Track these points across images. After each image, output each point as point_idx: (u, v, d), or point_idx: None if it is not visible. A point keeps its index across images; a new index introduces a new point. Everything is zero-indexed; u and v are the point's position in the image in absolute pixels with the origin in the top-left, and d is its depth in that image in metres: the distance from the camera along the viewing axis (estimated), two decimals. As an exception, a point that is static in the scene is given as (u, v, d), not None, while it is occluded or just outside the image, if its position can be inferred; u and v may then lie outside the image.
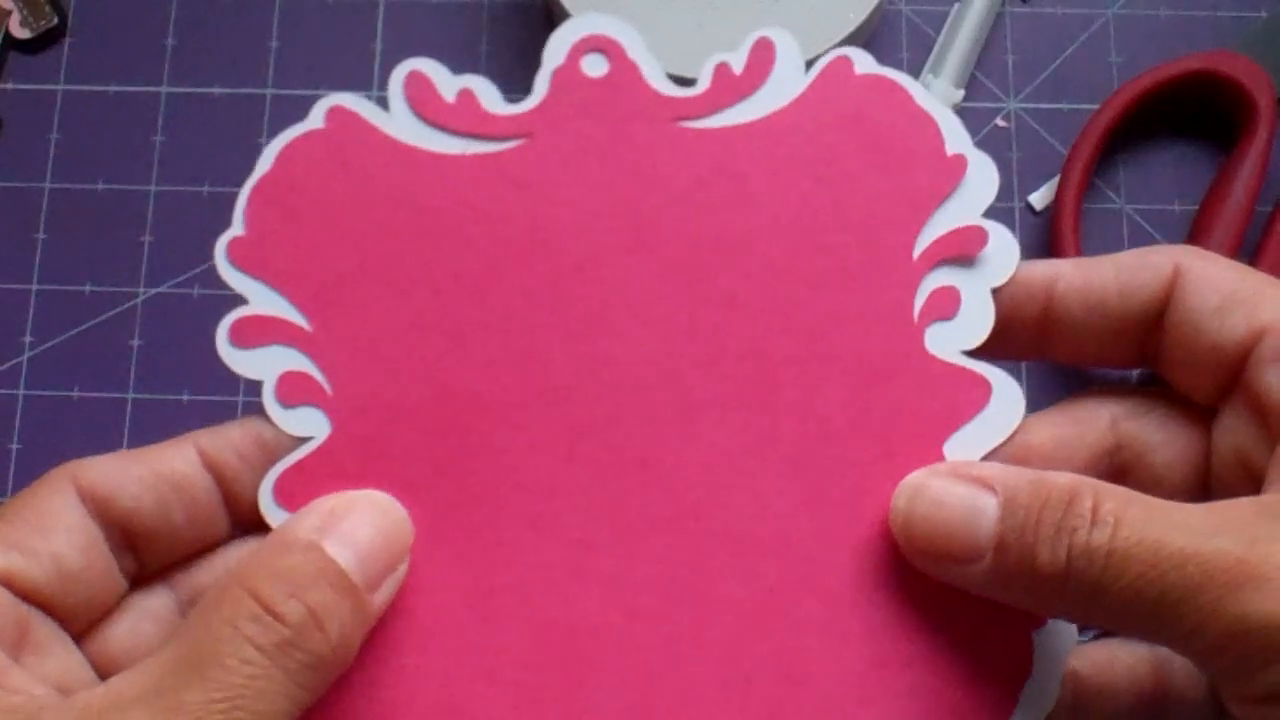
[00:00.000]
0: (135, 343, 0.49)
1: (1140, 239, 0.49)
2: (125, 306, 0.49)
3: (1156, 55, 0.49)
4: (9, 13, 0.51)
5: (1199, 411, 0.27)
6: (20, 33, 0.51)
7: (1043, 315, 0.27)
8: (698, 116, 0.27)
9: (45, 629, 0.25)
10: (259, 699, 0.21)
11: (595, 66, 0.27)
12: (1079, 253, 0.47)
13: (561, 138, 0.27)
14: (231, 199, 0.28)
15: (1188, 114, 0.50)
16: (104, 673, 0.25)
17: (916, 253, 0.27)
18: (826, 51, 0.28)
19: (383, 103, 0.27)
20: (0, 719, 0.21)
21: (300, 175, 0.27)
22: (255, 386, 0.26)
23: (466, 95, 0.27)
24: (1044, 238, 0.49)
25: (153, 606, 0.26)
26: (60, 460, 0.26)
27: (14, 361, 0.49)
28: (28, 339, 0.49)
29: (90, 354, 0.49)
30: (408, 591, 0.25)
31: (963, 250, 0.27)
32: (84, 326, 0.49)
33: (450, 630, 0.25)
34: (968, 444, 0.26)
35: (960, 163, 0.27)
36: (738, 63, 0.27)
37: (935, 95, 0.49)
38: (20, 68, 0.51)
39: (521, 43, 0.51)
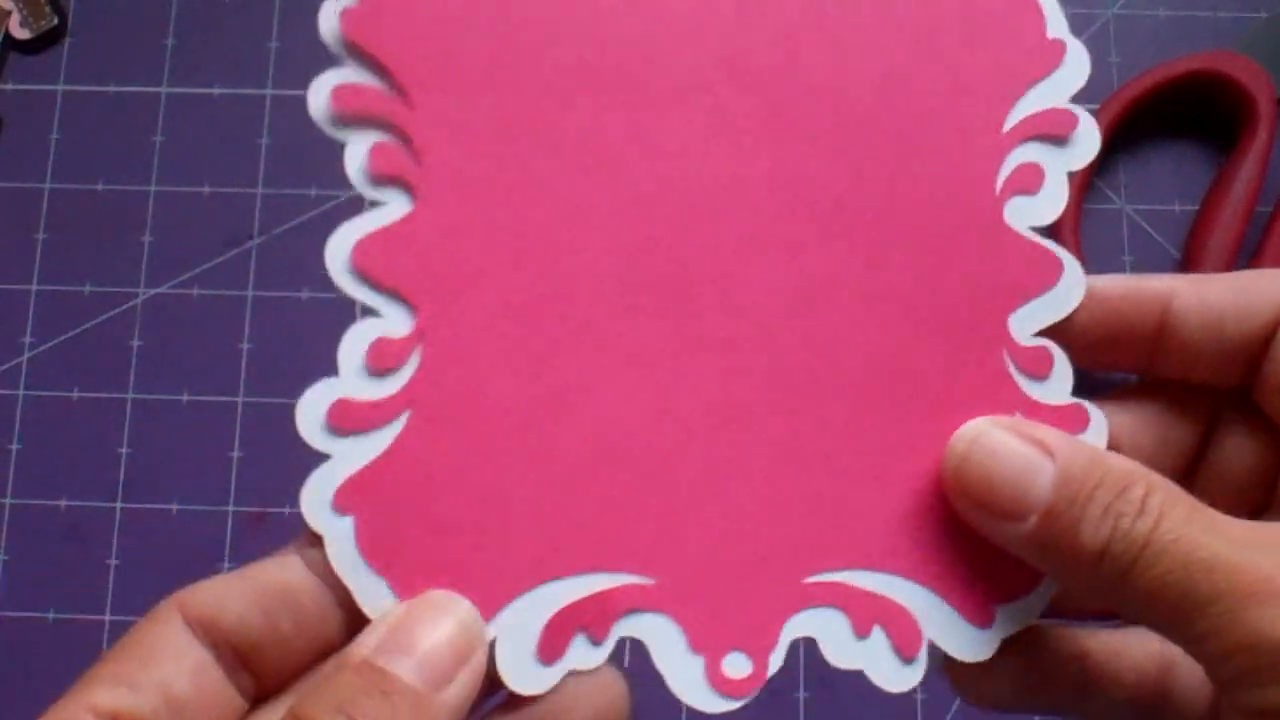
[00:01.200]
0: (135, 343, 0.49)
1: (1140, 239, 0.49)
2: (125, 306, 0.49)
3: (1156, 55, 0.49)
4: (9, 13, 0.51)
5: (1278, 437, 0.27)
6: (20, 33, 0.51)
7: (1156, 332, 0.27)
8: None
9: None
10: None
11: None
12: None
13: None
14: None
15: (1188, 114, 0.50)
16: None
17: (1007, 126, 0.27)
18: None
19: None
20: None
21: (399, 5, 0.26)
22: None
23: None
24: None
25: None
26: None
27: (14, 361, 0.49)
28: (28, 339, 0.49)
29: (90, 354, 0.49)
30: (470, 377, 0.26)
31: (1053, 130, 0.27)
32: (84, 326, 0.49)
33: (506, 422, 0.26)
34: (1033, 317, 0.27)
35: (1059, 47, 0.27)
36: None
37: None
38: (20, 68, 0.51)
39: (521, 43, 0.51)
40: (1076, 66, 0.27)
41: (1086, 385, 0.27)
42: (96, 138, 0.51)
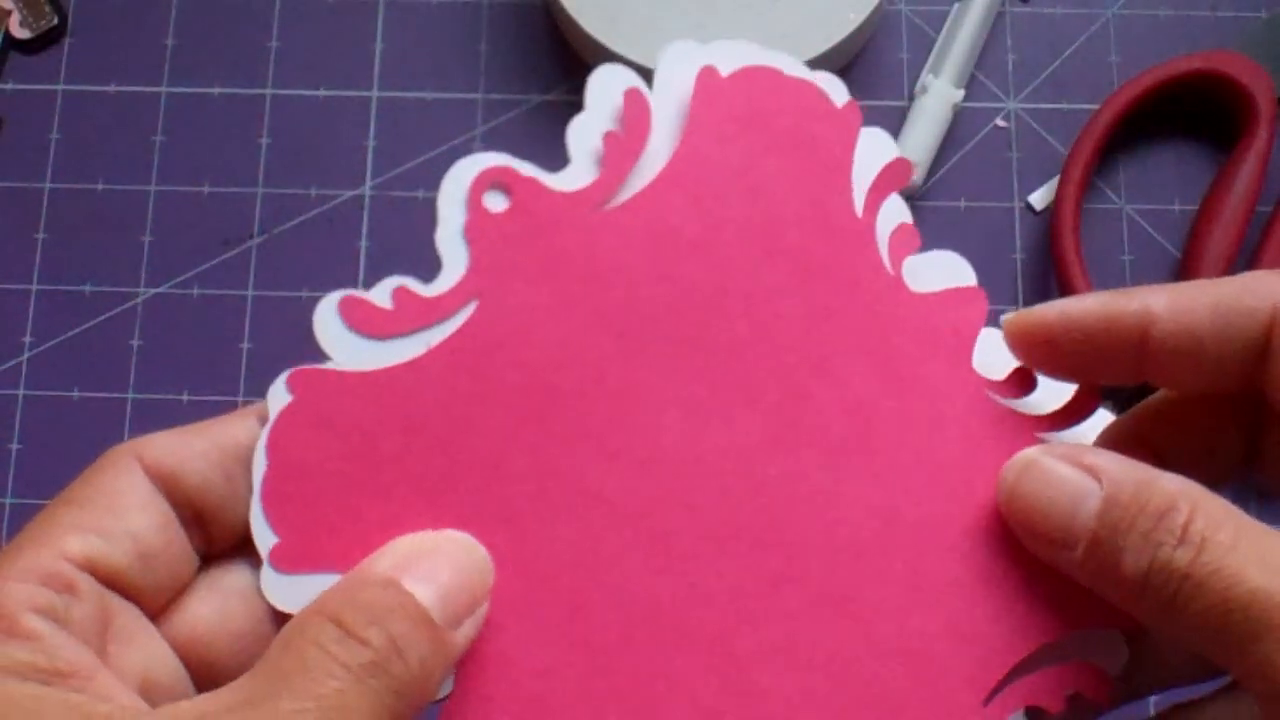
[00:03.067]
0: (135, 343, 0.49)
1: (1140, 239, 0.49)
2: (125, 306, 0.49)
3: (1156, 55, 0.49)
4: (9, 13, 0.51)
5: None
6: (20, 33, 0.51)
7: (1137, 352, 0.26)
8: (610, 196, 0.27)
9: (127, 615, 0.24)
10: (348, 713, 0.22)
11: (497, 202, 0.27)
12: (1079, 253, 0.47)
13: (506, 284, 0.26)
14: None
15: (1188, 114, 0.50)
16: (186, 656, 0.25)
17: (859, 208, 0.27)
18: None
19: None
20: None
21: (295, 459, 0.26)
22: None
23: (401, 293, 0.26)
24: (1044, 238, 0.49)
25: (229, 583, 0.26)
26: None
27: (14, 361, 0.49)
28: (28, 339, 0.49)
29: (90, 354, 0.49)
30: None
31: (896, 184, 0.28)
32: (84, 326, 0.49)
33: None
34: (990, 350, 0.27)
35: (853, 109, 0.28)
36: (616, 123, 0.27)
37: (935, 95, 0.49)
38: (20, 68, 0.51)
39: (521, 43, 0.51)
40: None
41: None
42: (96, 138, 0.51)
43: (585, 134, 0.27)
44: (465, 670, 0.25)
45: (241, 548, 0.26)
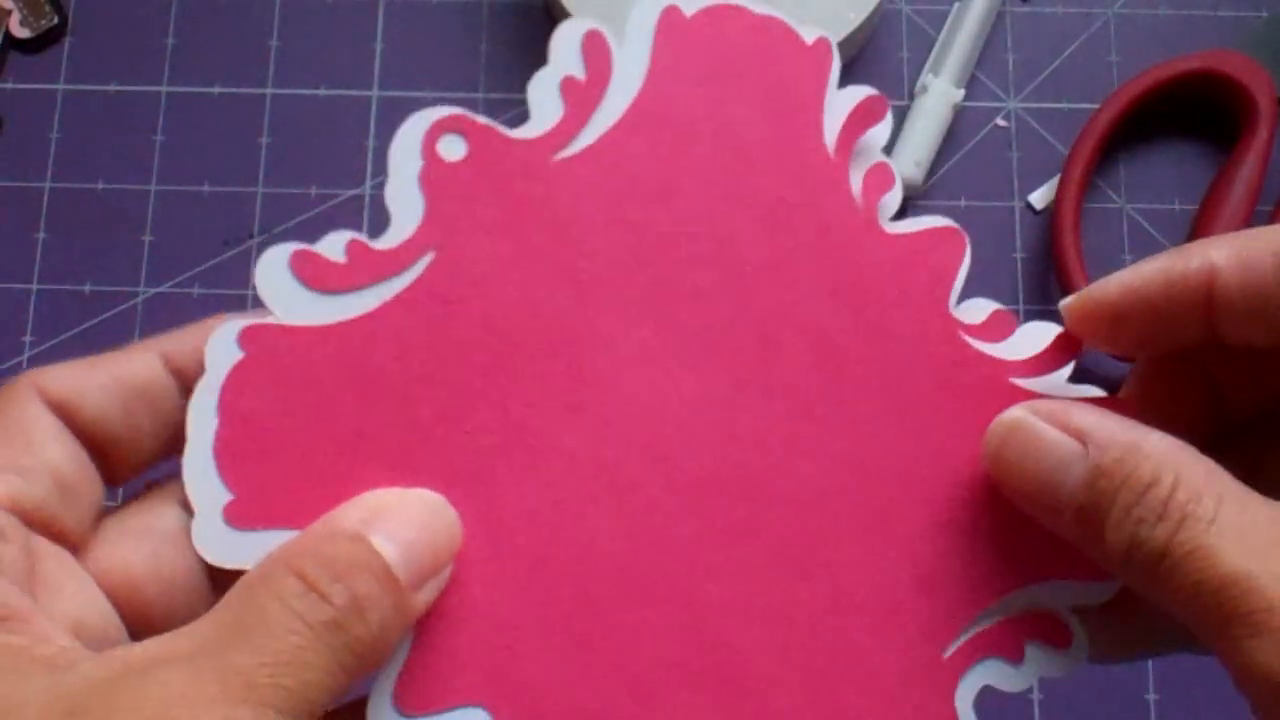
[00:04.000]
0: (135, 342, 0.49)
1: (1140, 239, 0.49)
2: (125, 306, 0.49)
3: (1156, 55, 0.49)
4: (9, 12, 0.51)
5: None
6: (20, 33, 0.51)
7: (1205, 314, 0.25)
8: (570, 141, 0.26)
9: (51, 556, 0.24)
10: (304, 669, 0.21)
11: (453, 148, 0.26)
12: (1079, 253, 0.47)
13: (463, 234, 0.26)
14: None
15: (1188, 114, 0.50)
16: (116, 599, 0.24)
17: (831, 146, 0.26)
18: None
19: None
20: (37, 674, 0.21)
21: (250, 415, 0.25)
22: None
23: (354, 245, 0.25)
24: (1044, 237, 0.49)
25: (161, 526, 0.25)
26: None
27: (14, 361, 0.49)
28: (28, 339, 0.49)
29: (90, 353, 0.49)
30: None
31: (870, 120, 0.27)
32: (84, 326, 0.49)
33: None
34: (1031, 341, 0.26)
35: (824, 44, 0.27)
36: (577, 70, 0.26)
37: (936, 95, 0.49)
38: (20, 68, 0.51)
39: (521, 43, 0.51)
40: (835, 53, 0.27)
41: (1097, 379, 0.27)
42: (96, 138, 0.51)
43: (546, 88, 0.26)
44: (428, 625, 0.25)
45: (157, 488, 0.26)
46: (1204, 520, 0.22)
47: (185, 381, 0.25)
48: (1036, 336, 0.27)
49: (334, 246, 0.25)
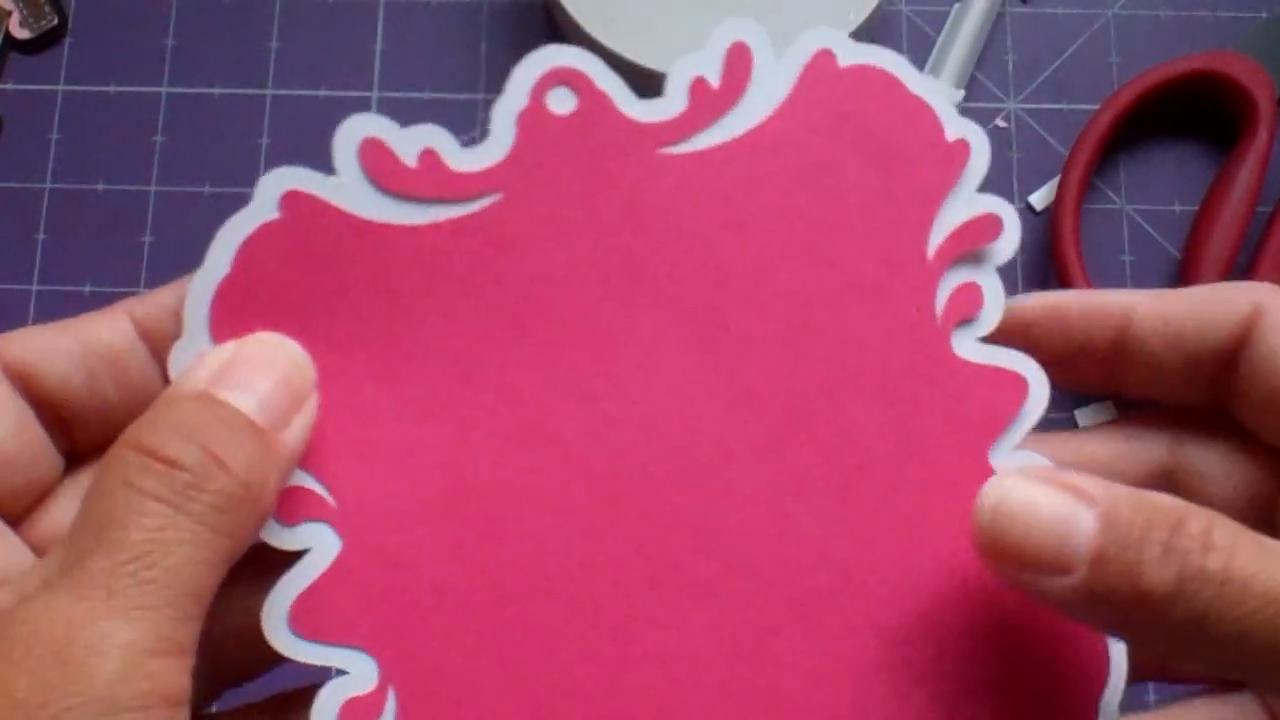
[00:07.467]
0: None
1: (1140, 239, 0.49)
2: (125, 306, 0.49)
3: (1156, 55, 0.49)
4: (9, 13, 0.51)
5: (1267, 452, 0.26)
6: (20, 33, 0.51)
7: (1114, 347, 0.26)
8: (680, 140, 0.25)
9: None
10: (167, 552, 0.20)
11: (562, 102, 0.25)
12: (1079, 253, 0.47)
13: (538, 188, 0.25)
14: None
15: (1188, 114, 0.50)
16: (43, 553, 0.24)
17: (931, 252, 0.25)
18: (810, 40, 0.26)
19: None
20: None
21: (266, 276, 0.24)
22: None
23: (429, 156, 0.24)
24: (1044, 238, 0.49)
25: None
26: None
27: (14, 361, 0.49)
28: (28, 339, 0.49)
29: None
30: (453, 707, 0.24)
31: (981, 242, 0.26)
32: (84, 326, 0.49)
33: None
34: (1012, 448, 0.25)
35: (963, 148, 0.25)
36: (713, 74, 0.25)
37: (935, 95, 0.49)
38: (20, 68, 0.51)
39: (521, 43, 0.51)
40: (980, 156, 0.26)
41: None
42: (96, 138, 0.51)
43: (687, 76, 0.25)
44: (352, 554, 0.24)
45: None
46: (1254, 551, 0.21)
47: (158, 346, 0.24)
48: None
49: (412, 144, 0.24)
